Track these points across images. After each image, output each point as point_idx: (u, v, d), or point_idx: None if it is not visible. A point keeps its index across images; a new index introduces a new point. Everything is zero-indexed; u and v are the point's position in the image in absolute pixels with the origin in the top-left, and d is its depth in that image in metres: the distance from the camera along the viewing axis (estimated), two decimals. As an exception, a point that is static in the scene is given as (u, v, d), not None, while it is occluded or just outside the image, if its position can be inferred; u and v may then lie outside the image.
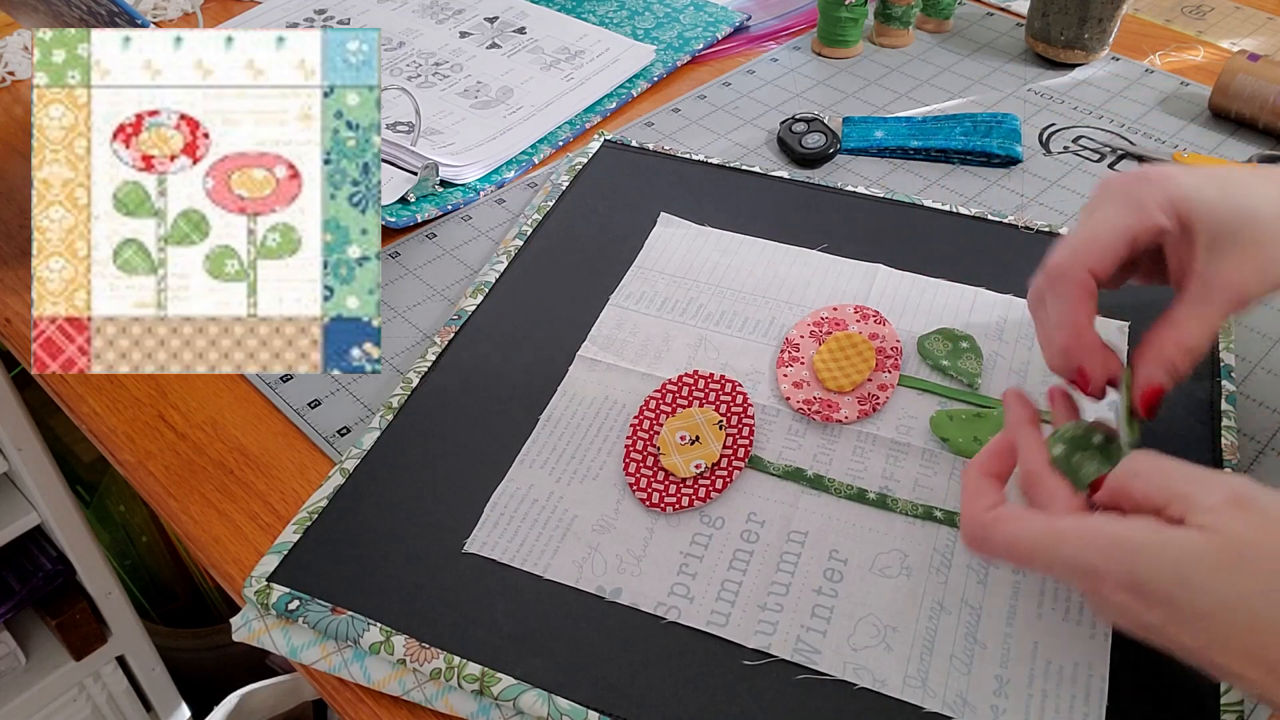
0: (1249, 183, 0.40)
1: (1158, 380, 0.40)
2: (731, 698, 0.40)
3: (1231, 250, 0.39)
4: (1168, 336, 0.40)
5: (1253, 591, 0.32)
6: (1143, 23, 0.87)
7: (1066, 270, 0.40)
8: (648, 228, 0.63)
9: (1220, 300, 0.39)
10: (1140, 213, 0.40)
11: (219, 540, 0.48)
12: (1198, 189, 0.39)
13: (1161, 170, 0.40)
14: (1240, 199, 0.39)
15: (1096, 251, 0.40)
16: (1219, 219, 0.39)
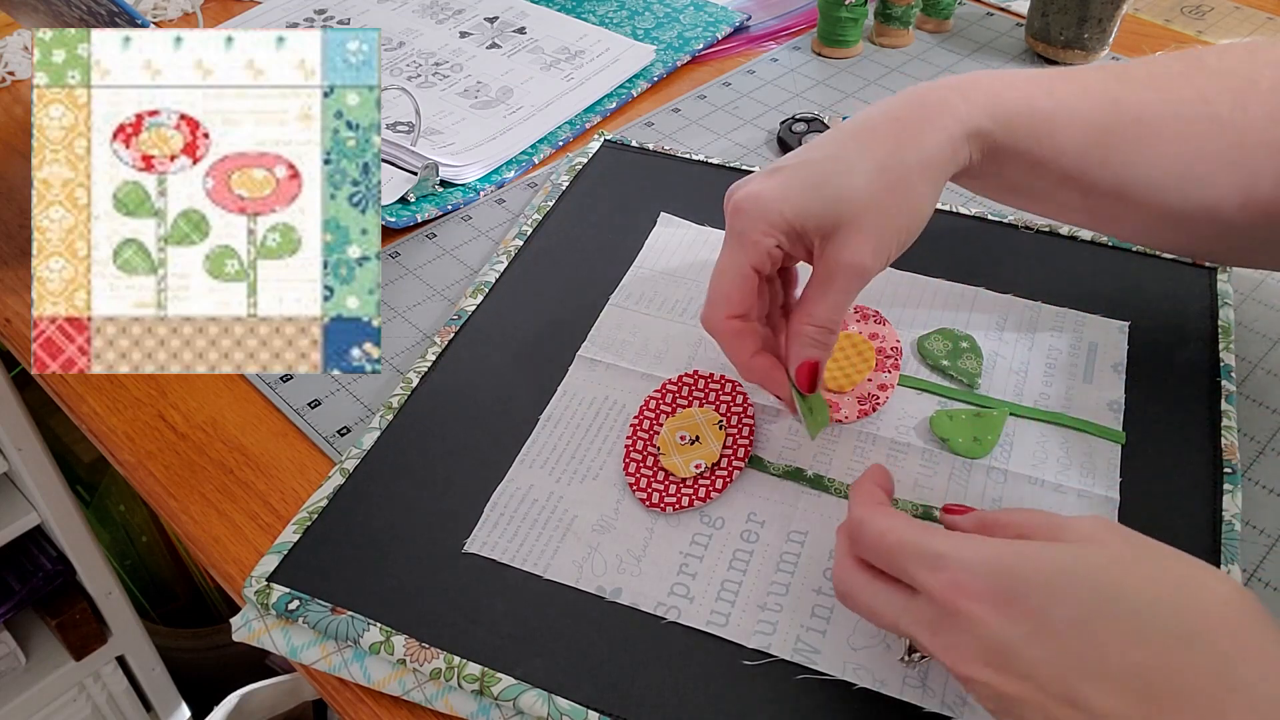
0: (839, 163, 0.42)
1: (805, 355, 0.44)
2: (731, 698, 0.40)
3: (840, 236, 0.42)
4: (801, 317, 0.44)
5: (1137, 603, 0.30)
6: (1143, 23, 0.87)
7: (714, 326, 0.45)
8: (648, 228, 0.63)
9: (842, 280, 0.42)
10: (747, 247, 0.43)
11: (219, 540, 0.48)
12: (788, 202, 0.42)
13: (752, 194, 0.43)
14: (834, 189, 0.42)
15: (726, 299, 0.44)
16: (819, 217, 0.42)
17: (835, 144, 0.43)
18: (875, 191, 0.41)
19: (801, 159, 0.43)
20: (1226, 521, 0.45)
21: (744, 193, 0.43)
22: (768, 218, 0.42)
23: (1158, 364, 0.53)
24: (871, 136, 0.43)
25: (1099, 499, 0.47)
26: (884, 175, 0.42)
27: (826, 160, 0.43)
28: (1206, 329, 0.55)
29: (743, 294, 0.43)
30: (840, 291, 0.43)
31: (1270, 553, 0.46)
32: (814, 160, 0.43)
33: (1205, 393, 0.51)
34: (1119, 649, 0.30)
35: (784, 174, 0.43)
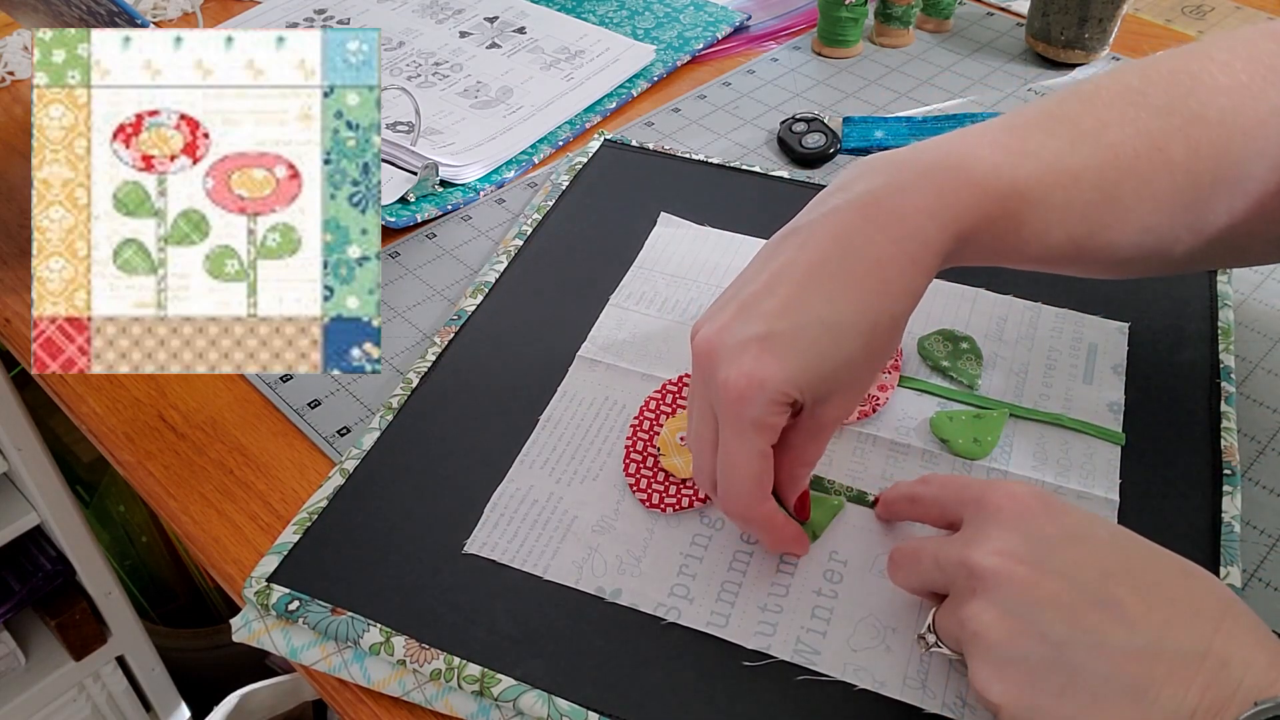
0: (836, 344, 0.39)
1: (800, 489, 0.44)
2: (731, 698, 0.40)
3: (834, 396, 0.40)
4: (794, 461, 0.42)
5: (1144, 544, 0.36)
6: (1143, 23, 0.87)
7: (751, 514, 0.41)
8: (648, 228, 0.63)
9: (830, 428, 0.42)
10: (760, 431, 0.39)
11: (219, 540, 0.48)
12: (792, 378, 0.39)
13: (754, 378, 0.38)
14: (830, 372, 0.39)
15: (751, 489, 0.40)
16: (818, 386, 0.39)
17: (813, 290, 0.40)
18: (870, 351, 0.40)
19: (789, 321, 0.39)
20: (1226, 522, 0.45)
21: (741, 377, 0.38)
22: (776, 400, 0.39)
23: (1158, 365, 0.53)
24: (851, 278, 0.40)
25: (1099, 500, 0.46)
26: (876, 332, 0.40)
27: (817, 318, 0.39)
28: (1206, 329, 0.55)
29: (767, 476, 0.40)
30: (827, 439, 0.43)
31: (1270, 553, 0.46)
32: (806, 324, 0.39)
33: (1205, 393, 0.51)
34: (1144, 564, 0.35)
35: (778, 344, 0.39)
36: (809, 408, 0.41)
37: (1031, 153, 0.42)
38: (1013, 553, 0.35)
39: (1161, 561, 0.35)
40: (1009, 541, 0.35)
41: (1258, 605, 0.43)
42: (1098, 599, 0.33)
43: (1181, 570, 0.35)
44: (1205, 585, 0.34)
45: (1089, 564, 0.34)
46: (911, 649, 0.41)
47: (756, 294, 0.40)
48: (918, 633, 0.39)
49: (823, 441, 0.43)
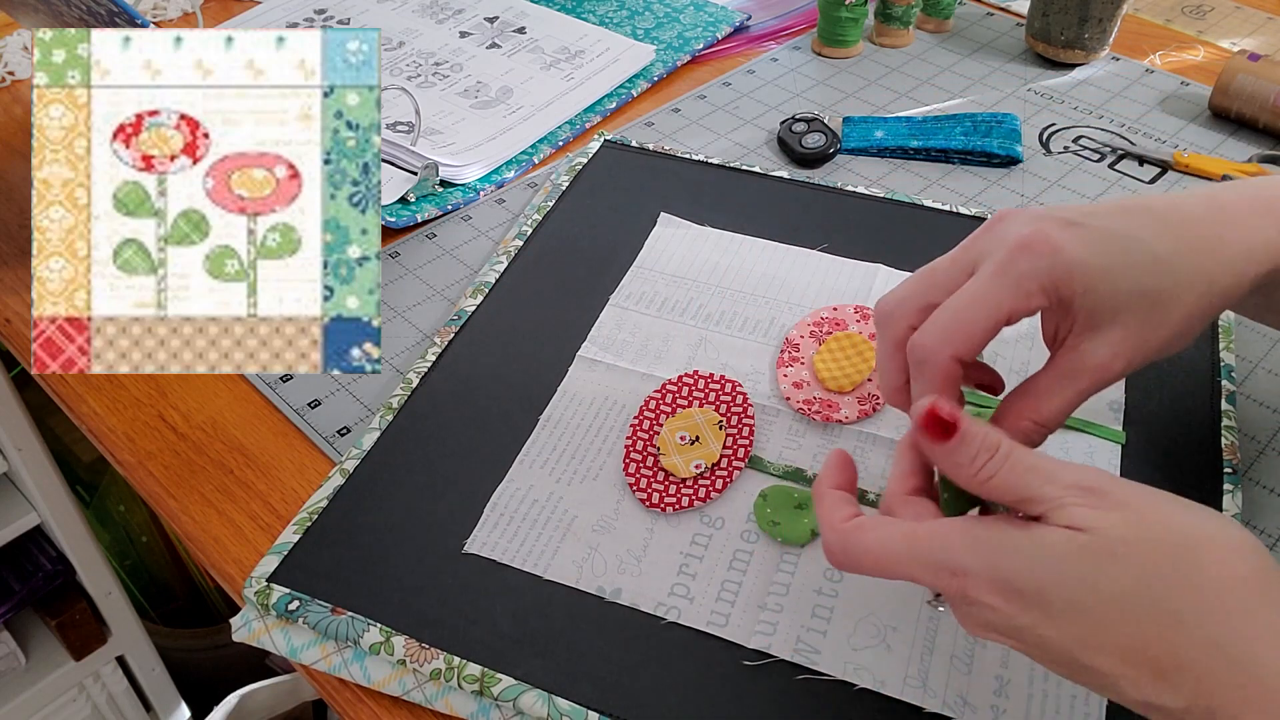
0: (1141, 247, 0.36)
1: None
2: (731, 698, 0.40)
3: (1111, 330, 0.36)
4: (1027, 407, 0.38)
5: (1125, 585, 0.30)
6: (1143, 22, 0.87)
7: (932, 357, 0.36)
8: (648, 228, 0.63)
9: (1088, 381, 0.37)
10: (1016, 293, 0.36)
11: (219, 540, 0.48)
12: (1086, 264, 0.35)
13: (1050, 240, 0.36)
14: (1137, 269, 0.36)
15: (963, 336, 0.36)
16: (1103, 298, 0.36)
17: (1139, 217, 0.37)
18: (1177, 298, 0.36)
19: (1104, 221, 0.36)
20: (1227, 521, 0.45)
21: (1036, 233, 0.35)
22: (1055, 273, 0.35)
23: (1158, 364, 0.53)
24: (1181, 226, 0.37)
25: (1099, 499, 0.46)
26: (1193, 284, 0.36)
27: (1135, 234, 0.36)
28: (1207, 328, 0.55)
29: (984, 338, 0.36)
30: (1077, 393, 0.37)
31: (1270, 553, 0.46)
32: (1120, 231, 0.36)
33: (1205, 392, 0.51)
34: (1115, 627, 0.30)
35: (1085, 232, 0.36)
36: (1076, 335, 0.36)
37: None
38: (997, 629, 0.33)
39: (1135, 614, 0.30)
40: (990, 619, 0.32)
41: (1258, 605, 0.43)
42: (1075, 667, 0.32)
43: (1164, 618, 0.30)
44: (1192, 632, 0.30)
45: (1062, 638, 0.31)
46: (912, 648, 0.41)
47: (1077, 206, 0.37)
48: (925, 600, 0.38)
49: (1069, 394, 0.37)
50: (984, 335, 0.36)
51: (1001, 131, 0.70)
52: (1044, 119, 0.74)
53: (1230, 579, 0.31)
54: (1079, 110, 0.75)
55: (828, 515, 0.35)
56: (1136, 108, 0.75)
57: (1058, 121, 0.74)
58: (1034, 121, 0.74)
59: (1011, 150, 0.69)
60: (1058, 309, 0.37)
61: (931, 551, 0.33)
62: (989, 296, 0.36)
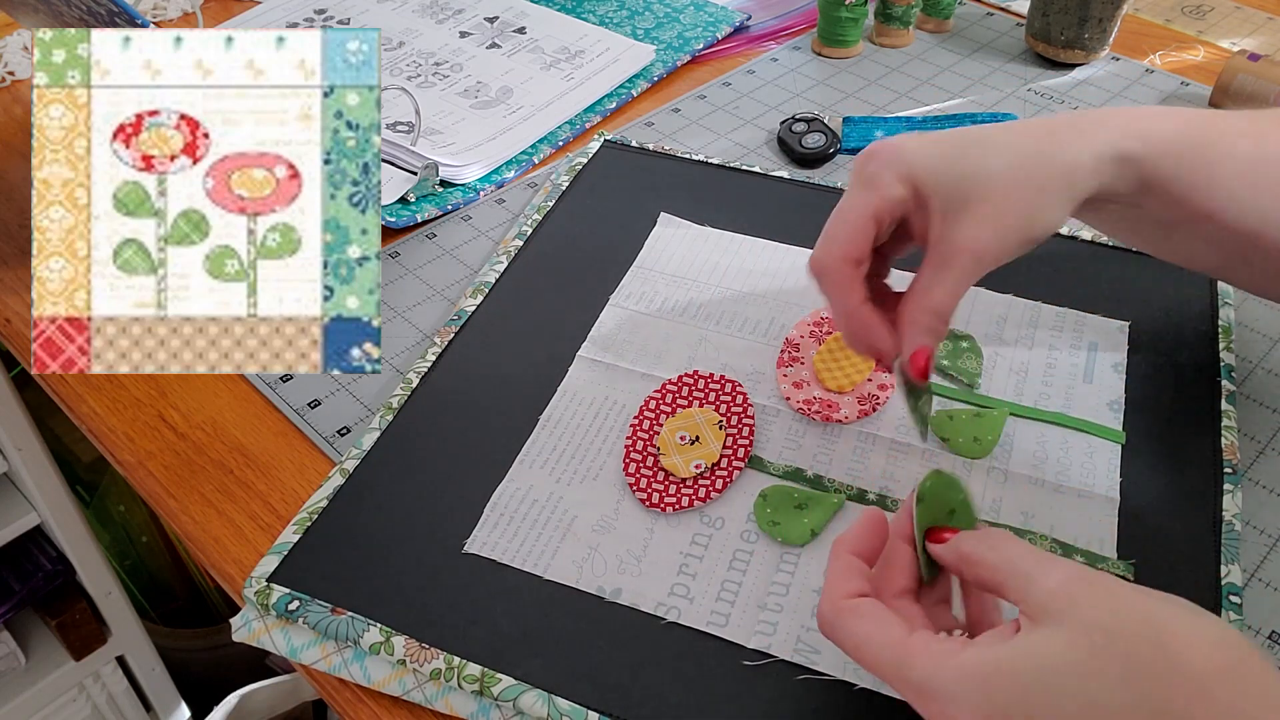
0: (982, 139, 0.42)
1: (920, 343, 0.42)
2: (731, 698, 0.40)
3: (964, 215, 0.40)
4: (916, 303, 0.42)
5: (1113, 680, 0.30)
6: (1143, 22, 0.87)
7: (825, 265, 0.42)
8: (648, 228, 0.63)
9: (960, 264, 0.41)
10: (875, 188, 0.41)
11: (219, 540, 0.48)
12: (927, 157, 0.41)
13: (891, 143, 0.42)
14: (973, 162, 0.41)
15: (844, 239, 0.42)
16: (950, 186, 0.40)
17: (985, 128, 0.43)
18: (1011, 178, 0.40)
19: (947, 131, 0.43)
20: (1226, 521, 0.45)
21: (882, 141, 0.42)
22: (901, 167, 0.41)
23: (1158, 363, 0.53)
24: (1022, 130, 0.42)
25: (1099, 499, 0.46)
26: (1023, 166, 0.41)
27: (971, 135, 0.42)
28: (1207, 328, 0.55)
29: (863, 238, 0.41)
30: (957, 276, 0.41)
31: (1270, 553, 0.46)
32: (958, 133, 0.42)
33: (1205, 393, 0.51)
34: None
35: (926, 136, 0.42)
36: (938, 224, 0.41)
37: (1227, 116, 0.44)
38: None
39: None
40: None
41: (1258, 605, 0.43)
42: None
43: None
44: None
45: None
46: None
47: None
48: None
49: (949, 280, 0.41)
50: (861, 234, 0.42)
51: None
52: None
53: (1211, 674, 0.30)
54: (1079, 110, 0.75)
55: (832, 582, 0.36)
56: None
57: (1058, 121, 0.74)
58: (1034, 121, 0.74)
59: (1011, 150, 0.69)
60: (916, 205, 0.42)
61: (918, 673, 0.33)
62: (853, 199, 0.42)
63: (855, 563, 0.37)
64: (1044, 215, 0.41)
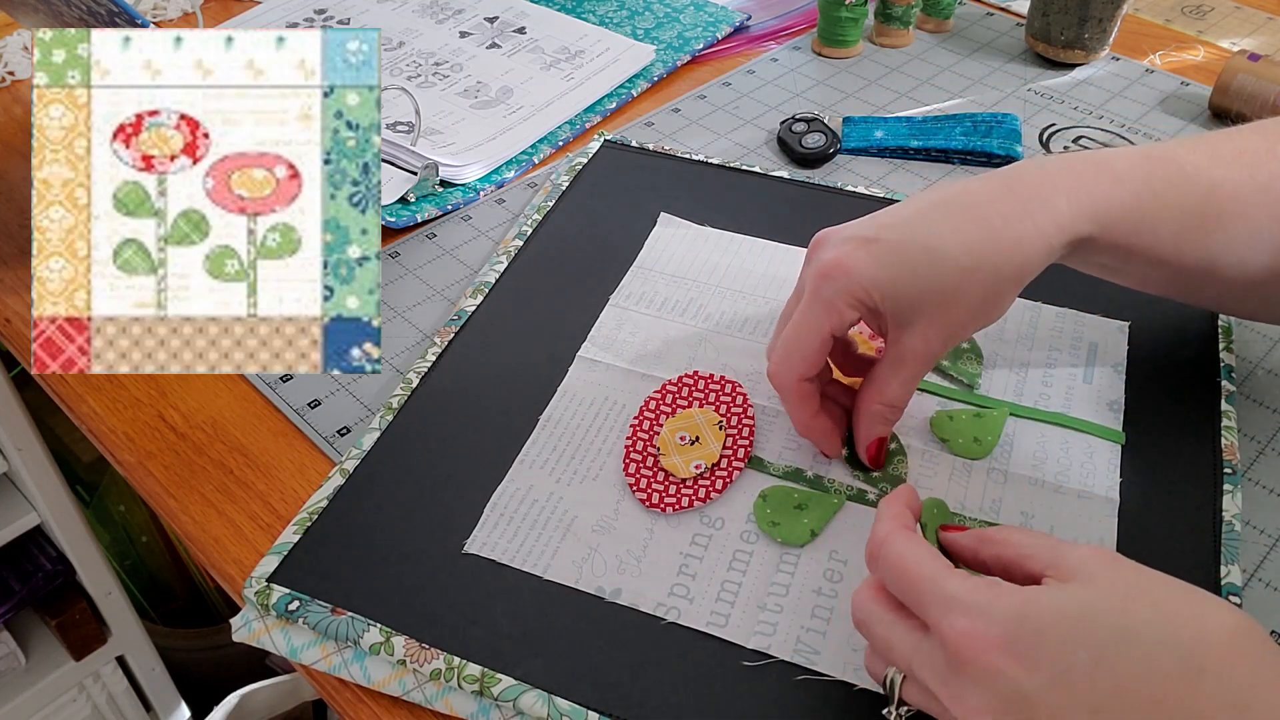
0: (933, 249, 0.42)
1: (875, 433, 0.46)
2: (731, 698, 0.40)
3: (917, 324, 0.43)
4: (872, 395, 0.45)
5: (1147, 618, 0.31)
6: (1143, 22, 0.87)
7: (784, 383, 0.45)
8: (648, 228, 0.63)
9: (912, 365, 0.44)
10: (830, 313, 0.43)
11: (219, 540, 0.48)
12: (877, 282, 0.42)
13: (844, 266, 0.43)
14: (922, 278, 0.42)
15: (799, 359, 0.44)
16: (902, 303, 0.42)
17: (932, 220, 0.43)
18: (962, 284, 0.42)
19: (897, 234, 0.43)
20: (1226, 521, 0.45)
21: (834, 260, 0.43)
22: (855, 292, 0.42)
23: (1158, 363, 0.53)
24: (973, 216, 0.43)
25: (1099, 499, 0.46)
26: (975, 269, 0.42)
27: (921, 241, 0.42)
28: (1206, 329, 0.55)
29: (818, 357, 0.44)
30: (909, 374, 0.44)
31: (1270, 553, 0.46)
32: (909, 240, 0.42)
33: (1205, 393, 0.51)
34: (1137, 686, 0.30)
35: (877, 248, 0.42)
36: (893, 330, 0.43)
37: (1168, 160, 0.44)
38: (990, 712, 0.32)
39: (1159, 669, 0.30)
40: (980, 700, 0.32)
41: (1258, 605, 0.43)
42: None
43: (1186, 674, 0.30)
44: (1215, 686, 0.30)
45: (1076, 709, 0.30)
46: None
47: (885, 211, 0.45)
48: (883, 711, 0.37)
49: (902, 378, 0.44)
50: (816, 354, 0.44)
51: (1001, 131, 0.70)
52: (1044, 119, 0.74)
53: (1237, 638, 0.31)
54: (1079, 110, 0.75)
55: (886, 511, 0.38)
56: (1136, 108, 0.75)
57: (1058, 121, 0.74)
58: (1034, 121, 0.74)
59: (1011, 150, 0.69)
60: (870, 315, 0.44)
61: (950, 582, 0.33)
62: (808, 322, 0.44)
63: (905, 510, 0.39)
64: (995, 309, 0.44)
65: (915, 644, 0.34)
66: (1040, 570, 0.34)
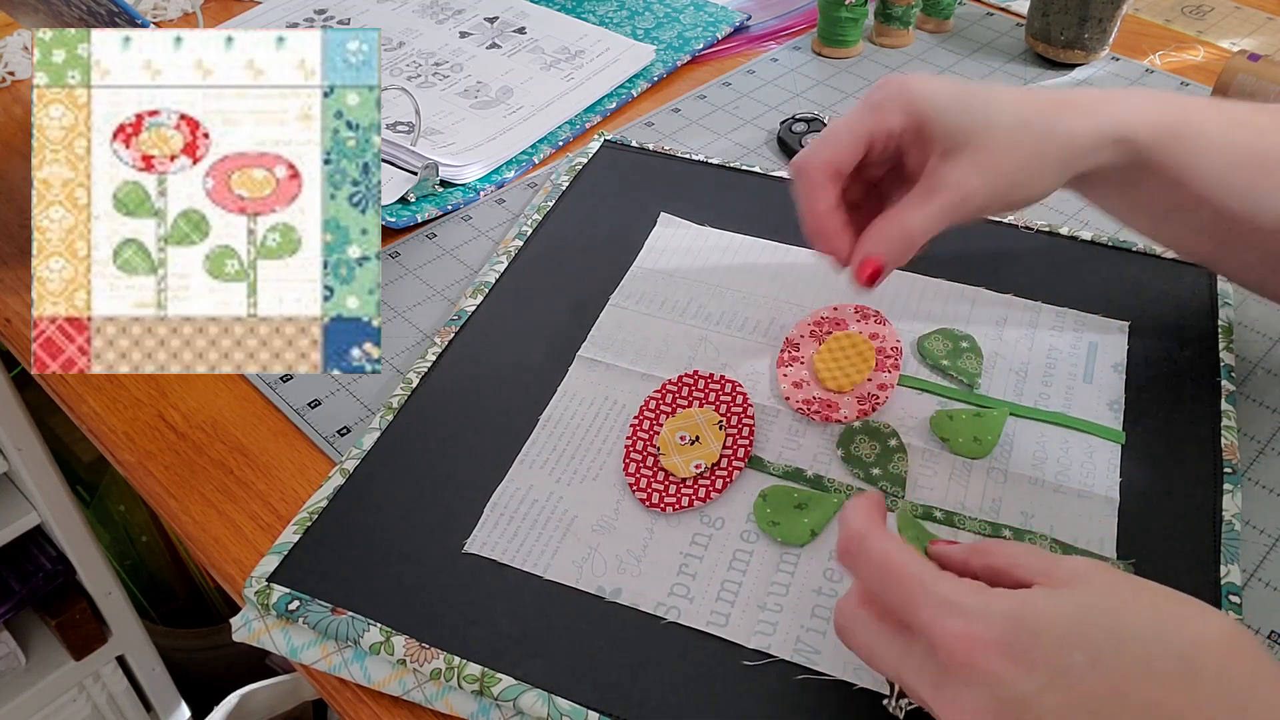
0: (989, 95, 0.44)
1: (877, 251, 0.44)
2: (731, 698, 0.40)
3: (960, 156, 0.42)
4: (888, 218, 0.44)
5: (1145, 618, 0.30)
6: (1143, 23, 0.87)
7: (805, 164, 0.45)
8: (648, 228, 0.63)
9: (943, 199, 0.43)
10: (877, 114, 0.43)
11: (219, 540, 0.48)
12: (934, 95, 0.43)
13: (902, 78, 0.44)
14: (978, 112, 0.43)
15: (832, 147, 0.44)
16: (952, 126, 0.42)
17: (993, 86, 0.45)
18: (1012, 136, 0.43)
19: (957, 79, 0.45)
20: (1226, 521, 0.45)
21: (894, 75, 0.44)
22: (907, 98, 0.43)
23: (1158, 364, 0.53)
24: (1028, 96, 0.44)
25: (1099, 499, 0.46)
26: (1025, 128, 0.43)
27: (979, 89, 0.44)
28: (1206, 329, 0.55)
29: (850, 152, 0.44)
30: (936, 209, 0.43)
31: (1270, 553, 0.46)
32: (967, 84, 0.44)
33: (1205, 393, 0.51)
34: (1134, 688, 0.30)
35: (936, 78, 0.44)
36: (934, 160, 0.43)
37: (1222, 105, 0.45)
38: (988, 714, 0.31)
39: (1156, 669, 0.30)
40: (977, 703, 0.31)
41: (1258, 605, 0.43)
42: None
43: (1183, 674, 0.30)
44: (1212, 686, 0.30)
45: (1075, 710, 0.30)
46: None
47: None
48: (884, 700, 0.36)
49: (928, 209, 0.43)
50: (849, 148, 0.44)
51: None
52: (1044, 119, 0.74)
53: (1230, 642, 0.30)
54: (1079, 110, 0.75)
55: (858, 506, 0.36)
56: (1136, 108, 0.75)
57: (1058, 121, 0.74)
58: (1034, 121, 0.74)
59: (1011, 150, 0.69)
60: (915, 139, 0.44)
61: (941, 583, 0.32)
62: (850, 119, 0.44)
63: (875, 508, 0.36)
64: (1035, 180, 0.43)
65: (903, 650, 0.33)
66: (1031, 578, 0.33)
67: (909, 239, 0.44)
